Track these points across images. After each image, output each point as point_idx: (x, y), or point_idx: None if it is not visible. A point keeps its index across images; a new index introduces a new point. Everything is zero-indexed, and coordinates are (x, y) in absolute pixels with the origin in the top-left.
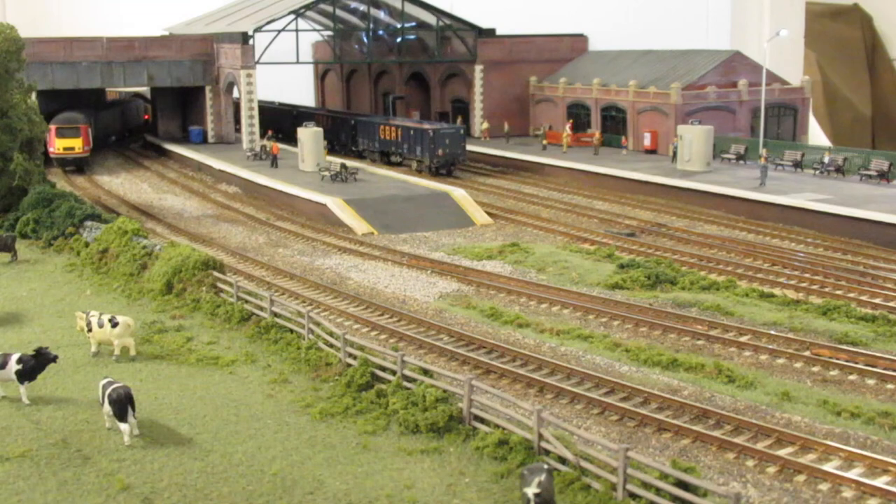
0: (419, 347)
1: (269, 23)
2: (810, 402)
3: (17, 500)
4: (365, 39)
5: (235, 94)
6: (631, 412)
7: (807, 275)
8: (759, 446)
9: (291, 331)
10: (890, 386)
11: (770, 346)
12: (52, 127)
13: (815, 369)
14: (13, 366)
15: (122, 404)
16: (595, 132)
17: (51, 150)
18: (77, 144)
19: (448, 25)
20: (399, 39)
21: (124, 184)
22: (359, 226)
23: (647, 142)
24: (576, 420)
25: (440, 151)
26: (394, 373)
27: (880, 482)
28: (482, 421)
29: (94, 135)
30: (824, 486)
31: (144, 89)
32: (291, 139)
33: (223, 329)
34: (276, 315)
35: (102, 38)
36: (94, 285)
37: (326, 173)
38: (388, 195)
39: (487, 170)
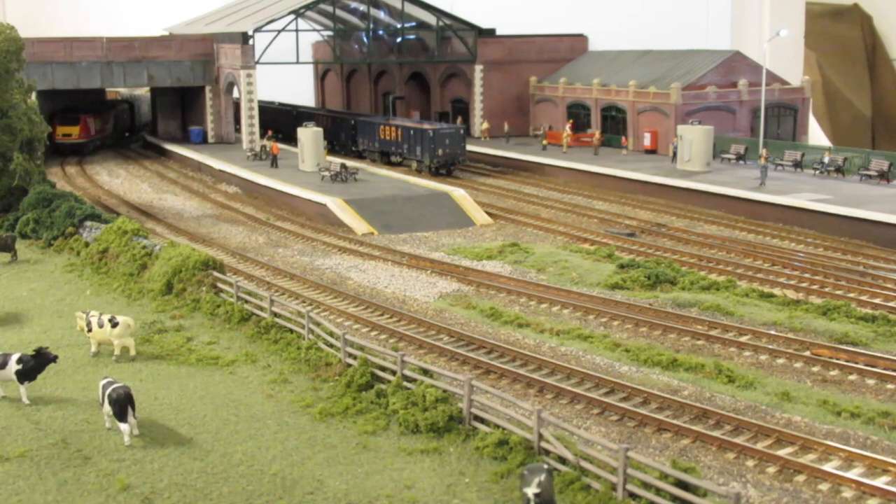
0: (419, 347)
1: (269, 23)
2: (810, 402)
3: (17, 500)
4: (365, 39)
5: (235, 94)
6: (631, 412)
7: (807, 275)
8: (759, 446)
9: (291, 331)
10: (890, 386)
11: (770, 346)
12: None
13: (815, 369)
14: (13, 366)
15: (122, 404)
16: (595, 132)
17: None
18: (74, 132)
19: (448, 25)
20: (399, 39)
21: (124, 184)
22: (359, 226)
23: (647, 142)
24: (576, 420)
25: (440, 151)
26: (394, 373)
27: (880, 482)
28: (482, 421)
29: (127, 125)
30: (824, 486)
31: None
32: (291, 139)
33: (223, 329)
34: (276, 315)
35: (102, 38)
36: (94, 285)
37: (326, 173)
38: (388, 195)
39: (487, 170)
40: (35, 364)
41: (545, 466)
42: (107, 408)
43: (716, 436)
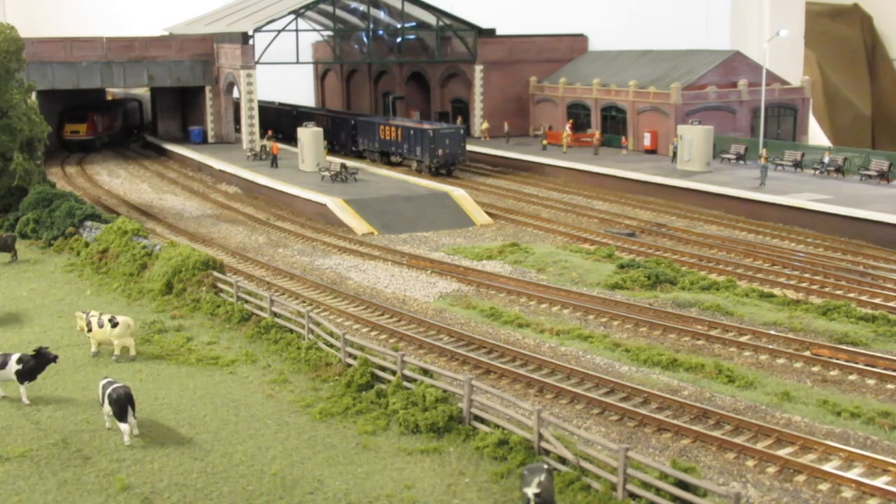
0: (419, 347)
1: (269, 23)
2: (810, 402)
3: (17, 500)
4: (365, 39)
5: (235, 94)
6: (631, 412)
7: (807, 275)
8: (759, 446)
9: (291, 331)
10: (890, 386)
11: (770, 346)
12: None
13: (815, 369)
14: (13, 366)
15: (122, 404)
16: (595, 132)
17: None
18: (82, 129)
19: (448, 25)
20: (399, 39)
21: (124, 184)
22: (359, 226)
23: (647, 142)
24: (576, 420)
25: (440, 151)
26: (394, 373)
27: (880, 482)
28: (482, 421)
29: (136, 122)
30: (824, 486)
31: None
32: (291, 139)
33: (223, 329)
34: (276, 315)
35: (102, 38)
36: (94, 285)
37: (326, 173)
38: (388, 195)
39: (487, 170)
40: (35, 364)
41: (545, 466)
42: (107, 408)
43: (716, 436)
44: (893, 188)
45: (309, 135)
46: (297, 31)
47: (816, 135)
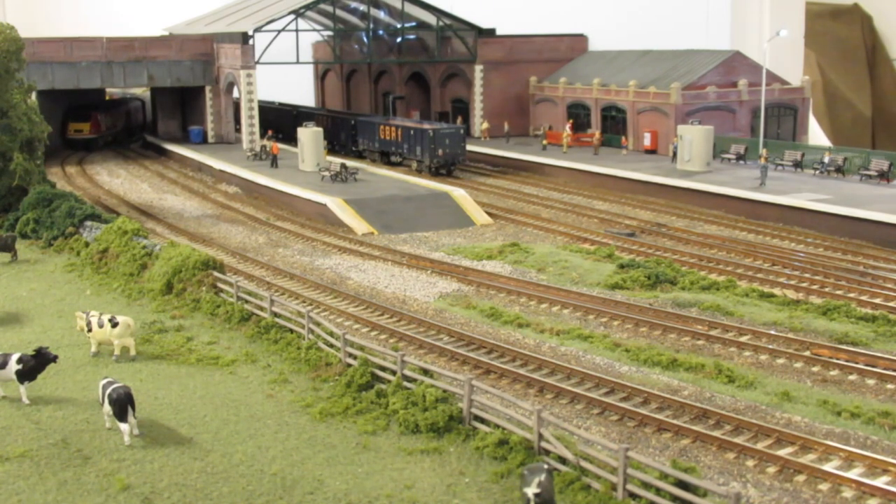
0: (419, 347)
1: (269, 23)
2: (810, 402)
3: (17, 500)
4: (365, 39)
5: (235, 94)
6: (631, 412)
7: (807, 275)
8: (759, 446)
9: (291, 331)
10: (890, 386)
11: (770, 346)
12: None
13: (815, 369)
14: (13, 366)
15: (122, 404)
16: (595, 132)
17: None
18: (85, 128)
19: (448, 25)
20: (399, 39)
21: (124, 184)
22: (359, 226)
23: (647, 142)
24: (576, 420)
25: (440, 151)
26: (394, 373)
27: (880, 482)
28: (482, 421)
29: (140, 122)
30: (824, 486)
31: None
32: (291, 139)
33: (223, 329)
34: (276, 315)
35: (102, 38)
36: (94, 285)
37: (326, 173)
38: (388, 195)
39: (487, 170)
40: (35, 364)
41: (545, 466)
42: (107, 408)
43: (716, 436)
44: (893, 188)
45: (309, 135)
46: (297, 31)
47: (816, 135)
